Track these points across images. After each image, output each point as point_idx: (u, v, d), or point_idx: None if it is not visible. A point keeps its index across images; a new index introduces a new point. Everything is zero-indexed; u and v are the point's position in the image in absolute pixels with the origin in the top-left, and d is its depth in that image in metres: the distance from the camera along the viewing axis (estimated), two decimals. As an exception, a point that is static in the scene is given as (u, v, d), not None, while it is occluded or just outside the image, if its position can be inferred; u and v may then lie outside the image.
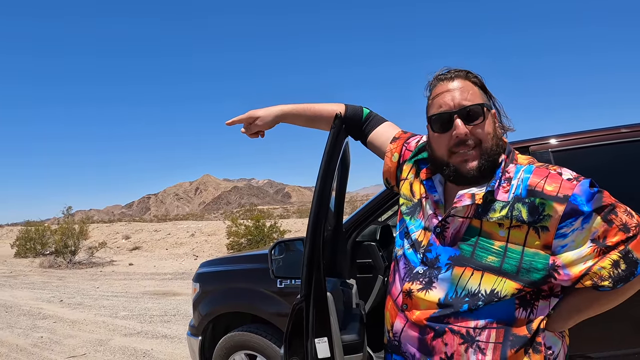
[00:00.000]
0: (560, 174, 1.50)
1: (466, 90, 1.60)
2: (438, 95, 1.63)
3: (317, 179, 1.81)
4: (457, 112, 1.57)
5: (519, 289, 1.48)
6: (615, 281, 1.42)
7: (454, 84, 1.62)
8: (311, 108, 2.13)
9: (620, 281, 1.42)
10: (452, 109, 1.58)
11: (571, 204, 1.43)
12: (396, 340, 1.66)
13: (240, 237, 20.64)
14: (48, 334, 8.06)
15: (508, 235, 1.50)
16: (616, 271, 1.41)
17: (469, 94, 1.59)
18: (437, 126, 1.62)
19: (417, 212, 1.76)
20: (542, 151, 2.91)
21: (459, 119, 1.56)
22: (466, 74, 1.65)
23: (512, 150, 1.67)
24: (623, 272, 1.41)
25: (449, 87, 1.62)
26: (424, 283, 1.60)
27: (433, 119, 1.63)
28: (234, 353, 3.94)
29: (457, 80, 1.63)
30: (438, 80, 1.67)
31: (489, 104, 1.64)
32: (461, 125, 1.55)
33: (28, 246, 24.58)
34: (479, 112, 1.57)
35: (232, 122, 2.13)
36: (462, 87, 1.61)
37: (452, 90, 1.60)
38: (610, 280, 1.42)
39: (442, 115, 1.60)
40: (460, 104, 1.57)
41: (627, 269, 1.41)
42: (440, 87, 1.64)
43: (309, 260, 1.74)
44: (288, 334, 1.80)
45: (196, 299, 4.29)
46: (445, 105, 1.60)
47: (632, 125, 2.93)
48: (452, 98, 1.59)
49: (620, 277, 1.42)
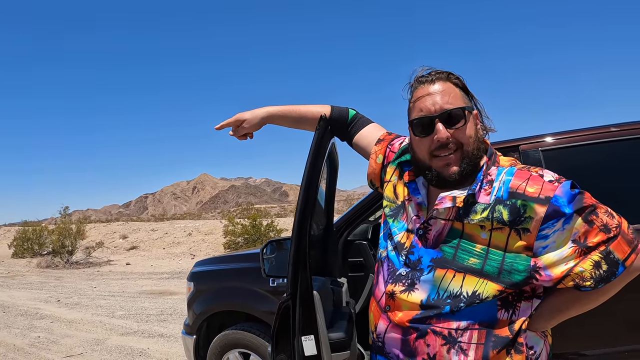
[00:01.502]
0: (542, 176, 1.50)
1: (447, 93, 1.59)
2: (419, 98, 1.62)
3: (302, 180, 1.82)
4: (438, 116, 1.56)
5: (501, 291, 1.48)
6: (596, 281, 1.43)
7: (434, 87, 1.61)
8: (297, 109, 2.14)
9: (602, 281, 1.43)
10: (433, 113, 1.57)
11: (553, 206, 1.43)
12: (380, 341, 1.67)
13: (237, 236, 20.63)
14: (45, 334, 8.07)
15: (490, 238, 1.50)
16: (597, 272, 1.42)
17: (450, 97, 1.58)
18: (418, 130, 1.61)
19: (400, 214, 1.76)
20: (533, 150, 2.94)
21: (440, 123, 1.55)
22: (447, 75, 1.64)
23: (494, 152, 1.67)
24: (604, 273, 1.42)
25: (429, 90, 1.61)
26: (407, 285, 1.60)
27: (414, 123, 1.62)
28: (228, 351, 3.95)
29: (438, 82, 1.62)
30: (419, 82, 1.66)
31: (470, 105, 1.63)
32: (442, 129, 1.55)
33: (25, 246, 24.54)
34: (460, 115, 1.57)
35: (221, 126, 2.14)
36: (443, 91, 1.60)
37: (433, 94, 1.59)
38: (592, 281, 1.43)
39: (423, 119, 1.59)
40: (442, 108, 1.56)
41: (609, 269, 1.42)
42: (421, 90, 1.64)
43: (295, 259, 1.76)
44: (275, 332, 1.81)
45: (190, 298, 4.30)
46: (426, 109, 1.59)
47: (621, 125, 2.96)
48: (433, 102, 1.58)
49: (602, 278, 1.43)
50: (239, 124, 2.13)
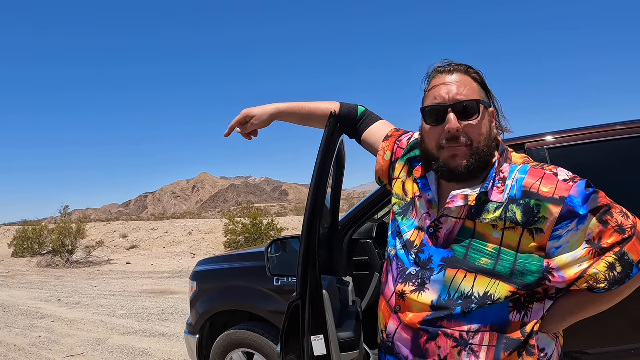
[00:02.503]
0: (556, 175, 1.47)
1: (464, 85, 1.55)
2: (434, 87, 1.59)
3: (312, 178, 1.80)
4: (451, 106, 1.52)
5: (513, 292, 1.46)
6: (610, 283, 1.41)
7: (452, 78, 1.57)
8: (306, 106, 2.11)
9: (616, 283, 1.41)
10: (447, 102, 1.53)
11: (567, 206, 1.40)
12: (390, 341, 1.65)
13: (237, 235, 20.62)
14: (46, 334, 8.05)
15: (502, 237, 1.47)
16: (612, 274, 1.40)
17: (466, 89, 1.54)
18: (430, 118, 1.58)
19: (409, 211, 1.73)
20: (538, 148, 2.92)
21: (452, 114, 1.52)
22: (467, 68, 1.60)
23: (506, 149, 1.63)
24: (619, 275, 1.40)
25: (446, 80, 1.57)
26: (417, 285, 1.58)
27: (427, 110, 1.58)
28: (231, 351, 3.94)
29: (457, 74, 1.58)
30: (437, 72, 1.62)
31: (487, 101, 1.60)
32: (454, 120, 1.51)
33: (25, 246, 24.54)
34: (474, 108, 1.53)
35: (230, 129, 2.09)
36: (460, 82, 1.56)
37: (449, 84, 1.56)
38: (606, 283, 1.41)
39: (435, 107, 1.56)
40: (455, 99, 1.53)
41: (623, 271, 1.40)
42: (438, 79, 1.60)
43: (305, 258, 1.74)
44: (284, 331, 1.80)
45: (193, 298, 4.29)
46: (440, 97, 1.55)
47: (627, 123, 2.95)
48: (447, 91, 1.54)
49: (616, 280, 1.40)
50: (247, 121, 2.07)
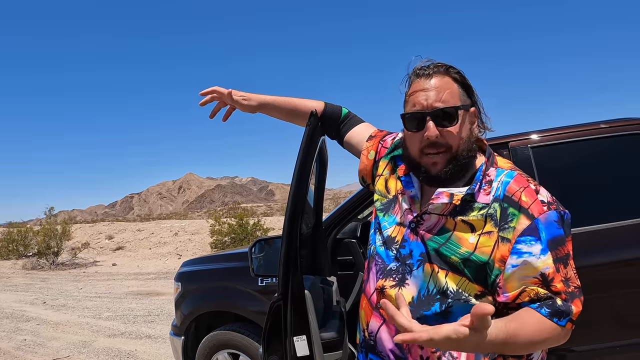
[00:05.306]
0: (537, 192, 1.49)
1: (443, 89, 1.55)
2: (414, 93, 1.59)
3: (292, 178, 1.80)
4: (429, 114, 1.53)
5: (482, 292, 1.47)
6: (552, 309, 1.37)
7: (431, 83, 1.56)
8: (291, 102, 2.11)
9: (558, 315, 1.37)
10: (425, 109, 1.54)
11: (534, 224, 1.42)
12: (372, 339, 1.64)
13: (223, 235, 20.54)
14: (31, 337, 7.96)
15: (477, 243, 1.47)
16: (554, 304, 1.38)
17: (445, 94, 1.54)
18: (409, 125, 1.58)
19: (391, 208, 1.73)
20: (522, 147, 2.93)
21: (431, 122, 1.52)
22: (447, 68, 1.59)
23: (492, 154, 1.65)
24: (562, 307, 1.37)
25: (425, 85, 1.57)
26: (397, 280, 1.58)
27: (406, 117, 1.59)
28: (216, 352, 3.92)
29: (436, 77, 1.57)
30: (416, 75, 1.62)
31: (467, 103, 1.60)
32: (432, 127, 1.52)
33: (10, 248, 24.25)
34: (453, 115, 1.53)
35: (211, 92, 2.08)
36: (439, 87, 1.55)
37: (427, 90, 1.55)
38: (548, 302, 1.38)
39: (414, 114, 1.56)
40: (433, 106, 1.53)
41: (565, 310, 1.38)
42: (416, 84, 1.60)
43: (286, 258, 1.74)
44: (266, 332, 1.79)
45: (178, 299, 4.26)
46: (419, 104, 1.55)
47: (611, 121, 2.98)
48: (426, 97, 1.54)
49: (558, 311, 1.37)
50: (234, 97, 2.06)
